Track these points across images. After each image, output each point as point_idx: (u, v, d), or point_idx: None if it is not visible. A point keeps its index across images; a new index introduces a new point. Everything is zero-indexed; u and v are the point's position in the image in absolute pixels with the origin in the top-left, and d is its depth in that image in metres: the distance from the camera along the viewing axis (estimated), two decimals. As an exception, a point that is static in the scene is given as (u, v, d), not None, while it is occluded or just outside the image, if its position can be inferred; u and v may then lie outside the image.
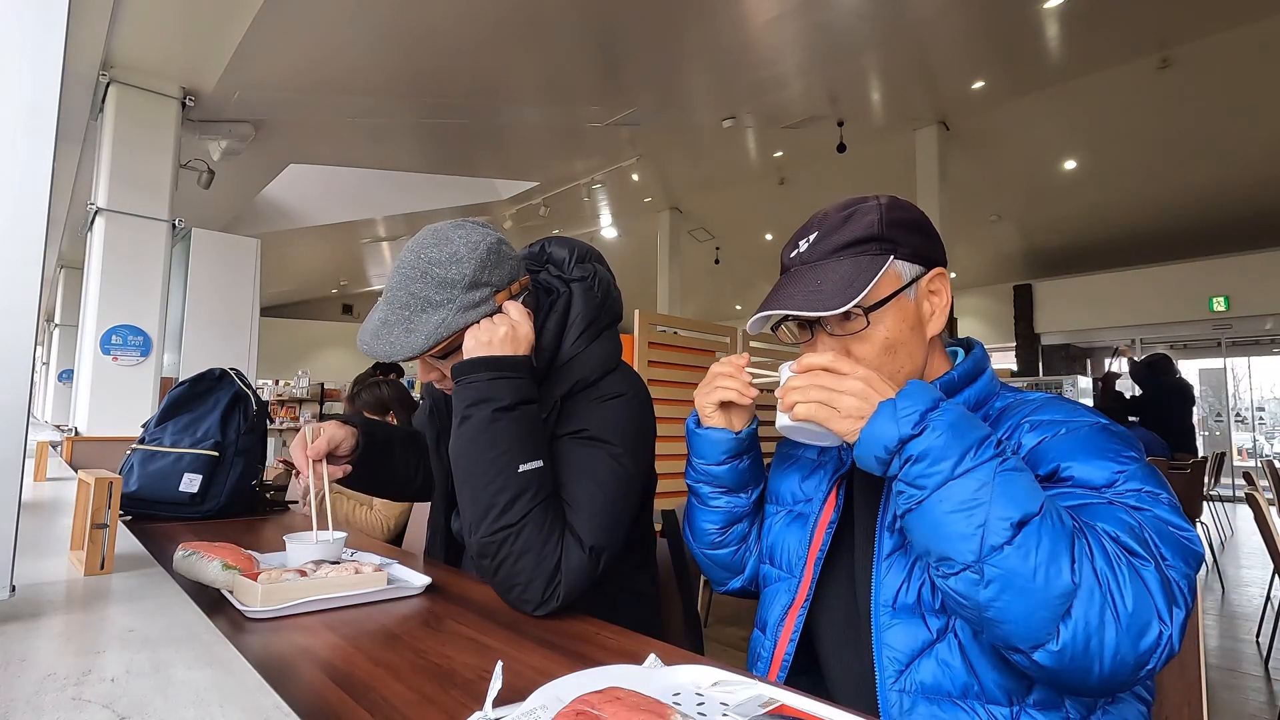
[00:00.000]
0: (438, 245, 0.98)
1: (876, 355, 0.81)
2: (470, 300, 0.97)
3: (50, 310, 9.98)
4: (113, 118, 4.40)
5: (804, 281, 0.82)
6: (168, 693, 0.50)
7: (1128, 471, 0.69)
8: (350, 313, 18.22)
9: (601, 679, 0.61)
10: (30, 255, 0.64)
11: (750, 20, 5.40)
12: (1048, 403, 0.78)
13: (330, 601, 0.89)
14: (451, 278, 0.96)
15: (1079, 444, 0.72)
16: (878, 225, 0.81)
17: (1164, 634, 0.59)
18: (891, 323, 0.81)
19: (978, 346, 0.89)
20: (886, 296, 0.80)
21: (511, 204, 9.69)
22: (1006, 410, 0.80)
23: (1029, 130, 8.11)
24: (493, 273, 0.99)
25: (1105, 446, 0.71)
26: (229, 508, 1.61)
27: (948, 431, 0.64)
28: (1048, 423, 0.75)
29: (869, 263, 0.80)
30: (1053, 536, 0.59)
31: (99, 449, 3.41)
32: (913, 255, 0.82)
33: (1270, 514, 2.43)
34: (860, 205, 0.84)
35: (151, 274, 4.38)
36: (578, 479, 0.98)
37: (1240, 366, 11.20)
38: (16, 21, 0.66)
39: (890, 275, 0.81)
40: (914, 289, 0.82)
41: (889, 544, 0.80)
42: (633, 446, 1.03)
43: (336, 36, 4.64)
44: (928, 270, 0.83)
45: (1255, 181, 8.63)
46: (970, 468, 0.62)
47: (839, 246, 0.82)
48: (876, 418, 0.67)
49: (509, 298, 1.01)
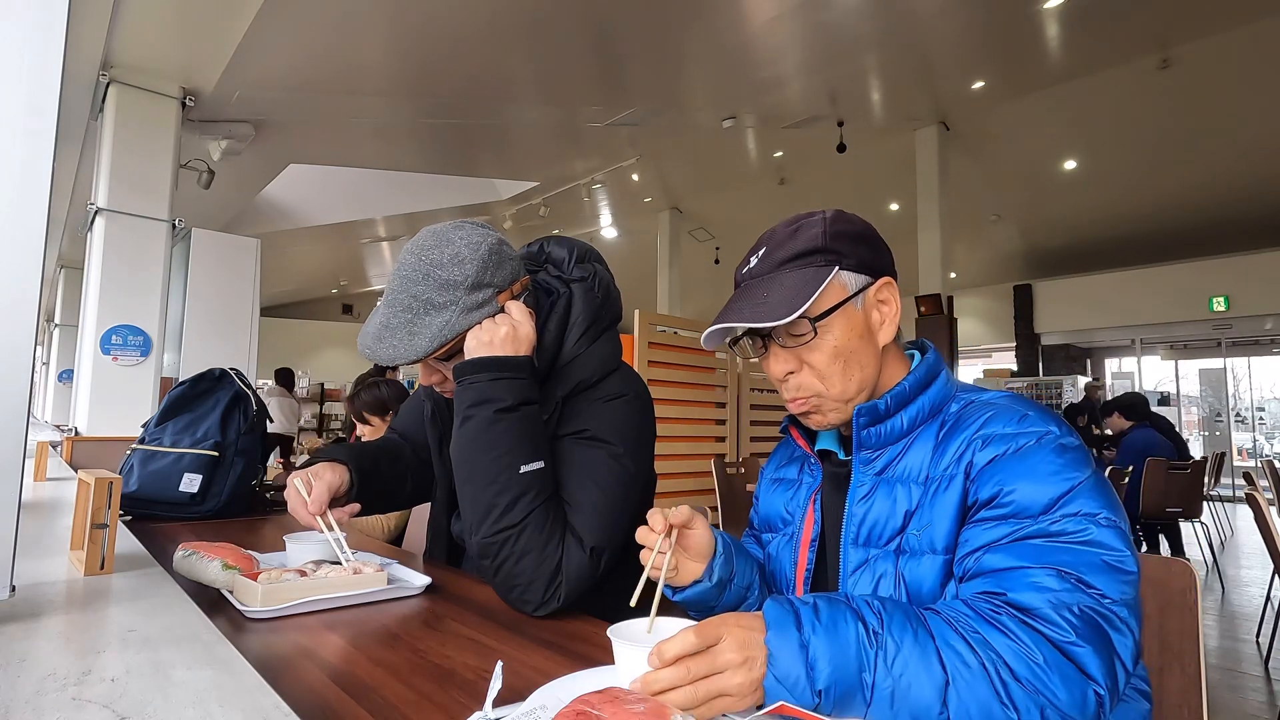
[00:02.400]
0: (439, 247, 0.97)
1: (828, 364, 0.82)
2: (474, 301, 0.97)
3: (50, 310, 9.98)
4: (113, 118, 4.40)
5: (752, 295, 0.83)
6: (168, 693, 0.50)
7: (1072, 491, 0.69)
8: (350, 313, 18.22)
9: (601, 679, 0.61)
10: (30, 255, 0.64)
11: (750, 20, 5.40)
12: (1002, 410, 0.78)
13: (330, 601, 0.89)
14: (454, 279, 0.95)
15: (1025, 463, 0.72)
16: (822, 238, 0.83)
17: (1099, 693, 0.59)
18: (840, 332, 0.82)
19: (931, 351, 0.89)
20: (832, 306, 0.82)
21: (511, 204, 9.69)
22: (963, 416, 0.80)
23: (1029, 130, 8.12)
24: (495, 273, 0.98)
25: (1052, 465, 0.71)
26: (229, 508, 1.61)
27: (828, 652, 0.59)
28: (999, 436, 0.75)
29: (814, 274, 0.81)
30: (974, 692, 0.58)
31: (99, 449, 3.40)
32: (858, 266, 0.83)
33: (1270, 514, 2.43)
34: (806, 220, 0.86)
35: (151, 274, 4.38)
36: (579, 480, 0.97)
37: (1240, 366, 11.21)
38: (16, 21, 0.66)
39: (835, 286, 0.82)
40: (861, 299, 0.84)
41: (854, 559, 0.81)
42: (634, 447, 1.03)
43: (336, 36, 4.64)
44: (875, 280, 0.84)
45: (1255, 181, 8.63)
46: (872, 682, 0.59)
47: (785, 259, 0.83)
48: (773, 667, 0.59)
49: (510, 298, 1.00)
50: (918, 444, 0.82)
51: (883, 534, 0.80)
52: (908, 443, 0.83)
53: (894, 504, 0.80)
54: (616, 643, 0.60)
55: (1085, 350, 12.25)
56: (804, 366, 0.84)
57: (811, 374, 0.83)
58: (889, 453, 0.83)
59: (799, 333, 0.82)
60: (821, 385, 0.83)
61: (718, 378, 4.98)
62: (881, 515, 0.81)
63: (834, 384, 0.83)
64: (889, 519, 0.80)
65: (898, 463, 0.82)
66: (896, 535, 0.79)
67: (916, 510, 0.78)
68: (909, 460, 0.82)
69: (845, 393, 0.83)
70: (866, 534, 0.81)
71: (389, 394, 2.74)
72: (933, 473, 0.79)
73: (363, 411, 2.71)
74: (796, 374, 0.84)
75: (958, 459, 0.77)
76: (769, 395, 5.54)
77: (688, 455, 4.67)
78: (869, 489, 0.83)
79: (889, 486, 0.82)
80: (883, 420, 0.83)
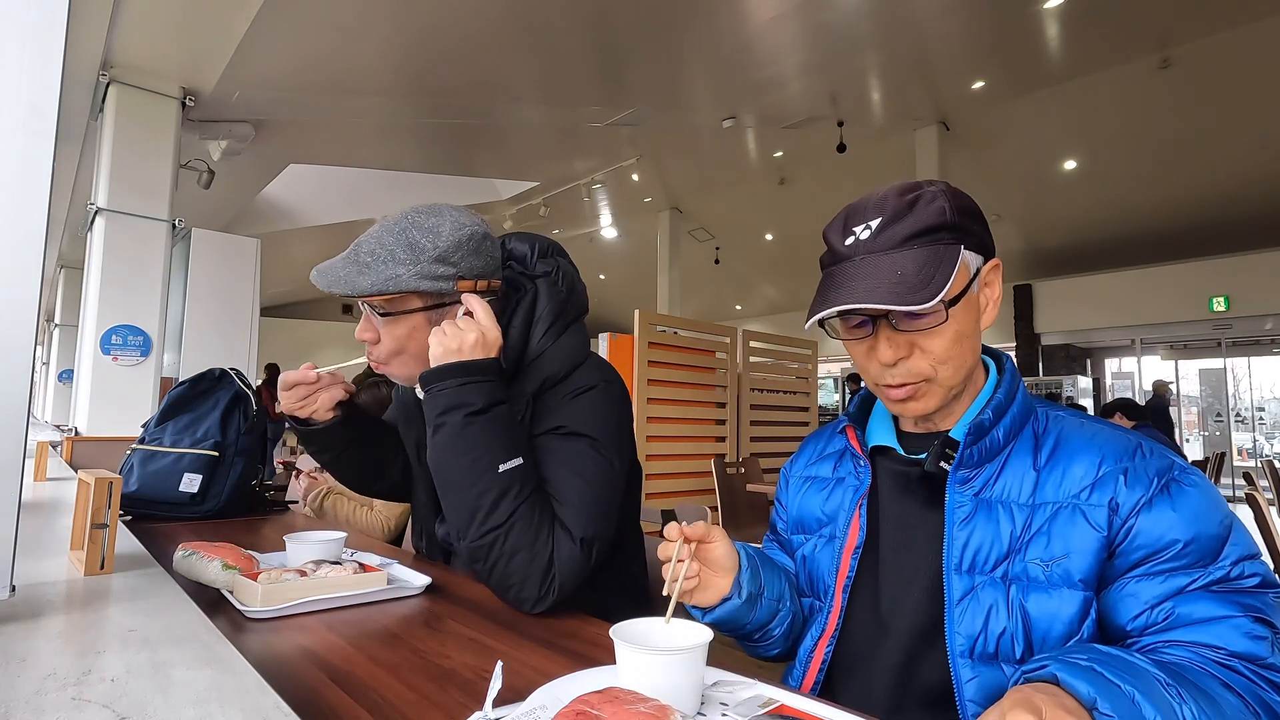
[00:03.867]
0: (428, 215, 1.00)
1: (947, 349, 0.77)
2: (432, 272, 0.97)
3: (50, 310, 9.98)
4: (113, 118, 4.40)
5: (878, 272, 0.75)
6: (168, 693, 0.50)
7: (1231, 532, 0.69)
8: (350, 313, 18.19)
9: (601, 679, 0.61)
10: (30, 255, 0.64)
11: (750, 20, 5.40)
12: (1110, 436, 0.75)
13: (330, 601, 0.89)
14: (423, 245, 0.97)
15: (1182, 505, 0.70)
16: (949, 213, 0.76)
17: None
18: (962, 316, 0.77)
19: (1007, 358, 0.85)
20: (963, 289, 0.76)
21: (511, 204, 9.69)
22: (1062, 437, 0.77)
23: (1029, 130, 8.11)
24: (465, 258, 0.99)
25: (1203, 505, 0.70)
26: (229, 508, 1.61)
27: None
28: (1136, 472, 0.72)
29: (944, 253, 0.75)
30: None
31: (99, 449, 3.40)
32: (978, 245, 0.79)
33: (1270, 514, 2.43)
34: (921, 190, 0.78)
35: (151, 274, 4.38)
36: (561, 473, 0.97)
37: (1240, 366, 11.20)
38: (16, 21, 0.66)
39: (962, 267, 0.76)
40: (977, 280, 0.79)
41: (959, 588, 0.76)
42: (614, 437, 1.02)
43: (336, 36, 4.64)
44: (986, 261, 0.80)
45: (1255, 181, 8.63)
46: None
47: (911, 234, 0.75)
48: None
49: (472, 290, 1.00)
50: (1013, 462, 0.78)
51: (988, 560, 0.75)
52: (1002, 460, 0.78)
53: (996, 527, 0.75)
54: (619, 643, 0.60)
55: (1085, 350, 12.24)
56: (915, 350, 0.77)
57: (925, 358, 0.77)
58: (985, 471, 0.78)
59: (928, 317, 0.75)
60: (933, 370, 0.77)
61: (718, 378, 4.98)
62: (985, 540, 0.76)
63: (948, 370, 0.78)
64: (993, 544, 0.75)
65: (995, 483, 0.78)
66: (1002, 561, 0.74)
67: (1030, 537, 0.74)
68: (1007, 481, 0.77)
69: (954, 379, 0.79)
70: (970, 560, 0.76)
71: (389, 394, 2.74)
72: (1047, 498, 0.74)
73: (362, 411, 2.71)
74: (907, 359, 0.78)
75: (1090, 489, 0.73)
76: (769, 395, 5.54)
77: (688, 455, 4.67)
78: (970, 511, 0.77)
79: (988, 509, 0.77)
80: (986, 435, 0.78)
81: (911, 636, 0.78)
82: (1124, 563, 0.71)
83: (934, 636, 0.77)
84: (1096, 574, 0.71)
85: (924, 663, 0.77)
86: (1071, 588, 0.71)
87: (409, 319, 1.01)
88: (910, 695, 0.78)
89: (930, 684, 0.76)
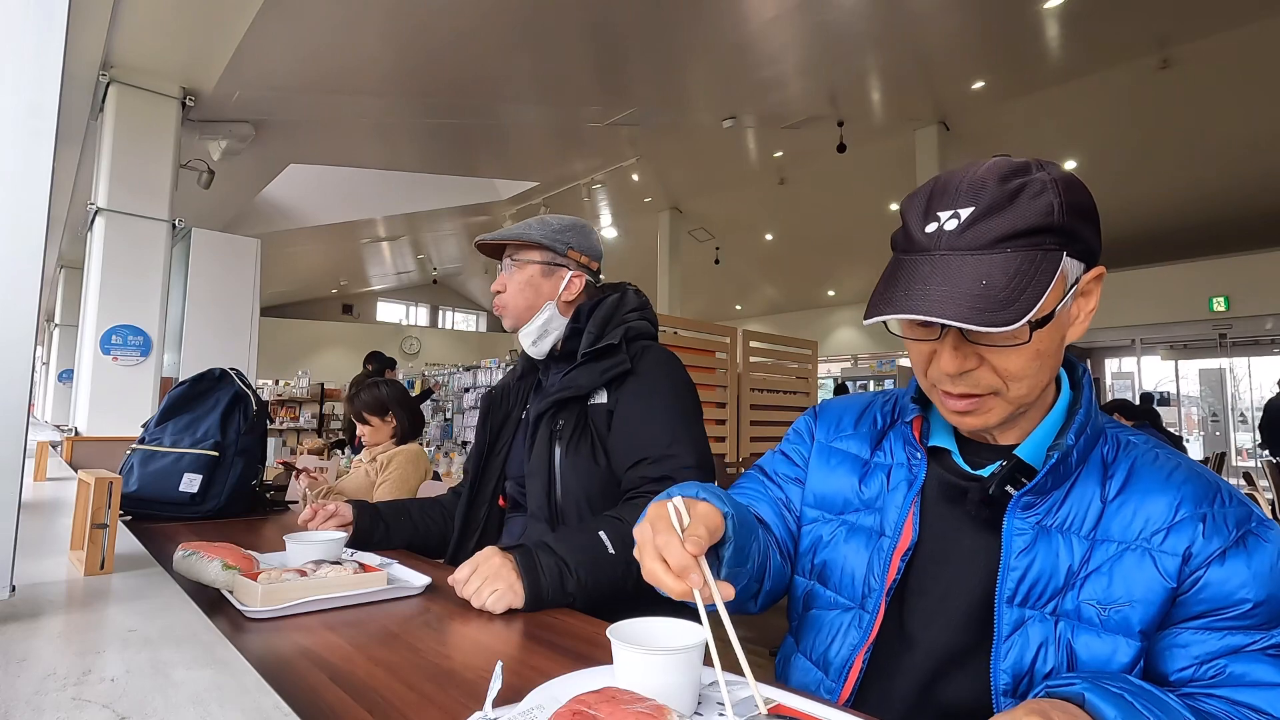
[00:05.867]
0: (558, 217, 1.37)
1: (1023, 366, 0.67)
2: (551, 236, 1.30)
3: (50, 310, 9.98)
4: (113, 118, 4.40)
5: (960, 278, 0.64)
6: (168, 693, 0.51)
7: None
8: (350, 312, 18.20)
9: (599, 679, 0.61)
10: (30, 255, 0.64)
11: (750, 20, 5.40)
12: (1189, 474, 0.70)
13: (330, 601, 0.89)
14: (549, 222, 1.34)
15: (1258, 561, 0.65)
16: (1058, 212, 0.64)
17: None
18: (1048, 333, 0.67)
19: (1084, 368, 0.77)
20: (1056, 307, 0.66)
21: (511, 204, 9.69)
22: (1136, 468, 0.71)
23: (1029, 130, 8.12)
24: (575, 236, 1.33)
25: (1270, 556, 0.66)
26: (229, 508, 1.61)
27: None
28: (1214, 521, 0.66)
29: (1042, 260, 0.63)
30: None
31: (99, 449, 3.41)
32: (1083, 252, 0.67)
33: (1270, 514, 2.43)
34: (1027, 178, 0.66)
35: (151, 274, 4.38)
36: (650, 426, 1.21)
37: (1240, 366, 11.20)
38: (16, 21, 0.66)
39: (1060, 277, 0.65)
40: (1073, 292, 0.68)
41: (1008, 620, 0.69)
42: (684, 395, 1.32)
43: (336, 36, 4.64)
44: (1089, 269, 0.69)
45: (1255, 181, 8.63)
46: None
47: (1006, 234, 0.64)
48: None
49: (579, 265, 1.32)
50: (1079, 489, 0.71)
51: (1043, 594, 0.69)
52: (1069, 485, 0.71)
53: (1055, 559, 0.69)
54: (616, 643, 0.60)
55: (1085, 350, 12.24)
56: (984, 363, 0.68)
57: (994, 373, 0.68)
58: (1051, 498, 0.71)
59: (1010, 333, 0.64)
60: (1003, 385, 0.68)
61: (718, 378, 4.98)
62: (1044, 572, 0.69)
63: (1020, 387, 0.68)
64: (1051, 576, 0.69)
65: (1058, 509, 0.71)
66: (1057, 595, 0.68)
67: (1088, 574, 0.68)
68: (1071, 508, 0.70)
69: (1026, 398, 0.70)
70: (1025, 593, 0.69)
71: (388, 394, 2.74)
72: (1112, 535, 0.68)
73: (362, 412, 2.71)
74: (975, 370, 0.69)
75: (1165, 534, 0.67)
76: (769, 395, 5.54)
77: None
78: (1030, 541, 0.70)
79: (1048, 537, 0.70)
80: (1064, 462, 0.70)
81: (941, 657, 0.73)
82: (1182, 612, 0.66)
83: (967, 662, 0.72)
84: (1157, 625, 0.66)
85: (952, 685, 0.72)
86: (1129, 636, 0.66)
87: (529, 268, 1.30)
88: (930, 713, 0.73)
89: (956, 707, 0.72)
